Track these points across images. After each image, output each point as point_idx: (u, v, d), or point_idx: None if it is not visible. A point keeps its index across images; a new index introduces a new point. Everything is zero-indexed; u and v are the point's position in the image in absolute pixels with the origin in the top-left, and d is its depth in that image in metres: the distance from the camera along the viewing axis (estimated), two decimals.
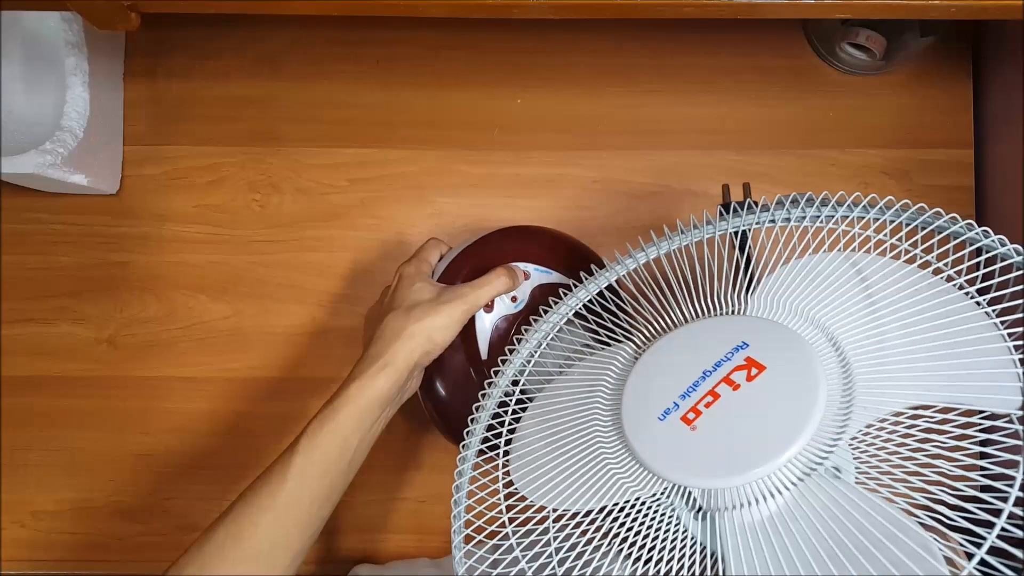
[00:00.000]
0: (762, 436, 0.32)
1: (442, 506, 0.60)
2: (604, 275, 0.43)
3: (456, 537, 0.38)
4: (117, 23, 0.40)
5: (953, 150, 0.62)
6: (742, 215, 0.41)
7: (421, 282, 0.49)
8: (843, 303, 0.37)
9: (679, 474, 0.33)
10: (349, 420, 0.44)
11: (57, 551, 0.60)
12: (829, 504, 0.31)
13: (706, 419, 0.33)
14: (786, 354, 0.34)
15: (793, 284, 0.38)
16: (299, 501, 0.42)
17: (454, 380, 0.52)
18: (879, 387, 0.34)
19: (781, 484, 0.32)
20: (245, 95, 0.63)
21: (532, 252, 0.53)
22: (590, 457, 0.36)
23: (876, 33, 0.58)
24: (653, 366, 0.37)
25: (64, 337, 0.62)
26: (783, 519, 0.32)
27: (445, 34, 0.63)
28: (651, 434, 0.34)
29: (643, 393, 0.36)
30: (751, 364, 0.34)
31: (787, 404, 0.33)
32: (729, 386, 0.34)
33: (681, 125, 0.63)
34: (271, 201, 0.63)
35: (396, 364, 0.45)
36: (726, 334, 0.36)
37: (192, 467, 0.60)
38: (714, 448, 0.33)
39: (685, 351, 0.37)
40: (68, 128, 0.55)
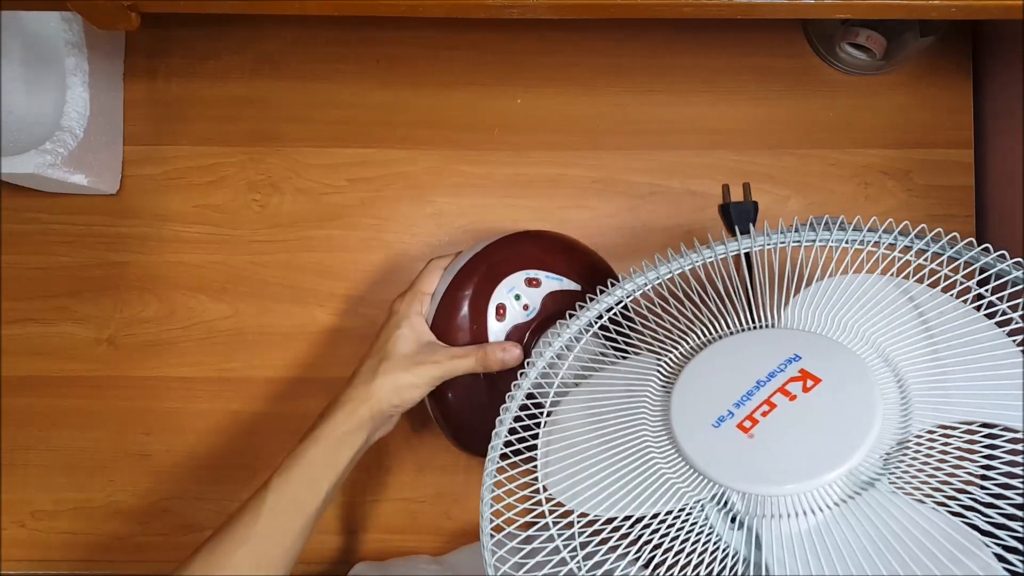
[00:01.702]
0: (823, 446, 0.33)
1: (442, 506, 0.60)
2: (626, 286, 0.43)
3: (484, 534, 0.37)
4: (117, 23, 0.40)
5: (953, 150, 0.62)
6: (785, 234, 0.42)
7: (407, 328, 0.50)
8: (893, 322, 0.38)
9: (738, 480, 0.33)
10: (318, 459, 0.46)
11: (57, 551, 0.60)
12: (878, 512, 0.32)
13: (764, 427, 0.34)
14: (841, 368, 0.35)
15: (833, 300, 0.39)
16: (272, 535, 0.44)
17: (462, 386, 0.52)
18: (936, 408, 0.35)
19: (833, 498, 0.33)
20: (245, 95, 0.63)
21: (542, 258, 0.53)
22: (642, 464, 0.36)
23: (876, 33, 0.58)
24: (701, 375, 0.38)
25: (64, 337, 0.62)
26: (830, 528, 0.32)
27: (445, 34, 0.63)
28: (706, 441, 0.35)
29: (693, 401, 0.37)
30: (806, 376, 0.35)
31: (846, 417, 0.34)
32: (785, 396, 0.35)
33: (681, 125, 0.63)
34: (271, 201, 0.63)
35: (360, 413, 0.47)
36: (775, 346, 0.37)
37: (192, 467, 0.60)
38: (774, 456, 0.33)
39: (733, 361, 0.38)
40: (68, 128, 0.55)
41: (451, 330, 0.51)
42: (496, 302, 0.52)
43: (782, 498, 0.33)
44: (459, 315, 0.51)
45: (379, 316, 0.61)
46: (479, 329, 0.51)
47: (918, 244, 0.39)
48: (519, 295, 0.52)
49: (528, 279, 0.52)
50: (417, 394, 0.48)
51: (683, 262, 0.42)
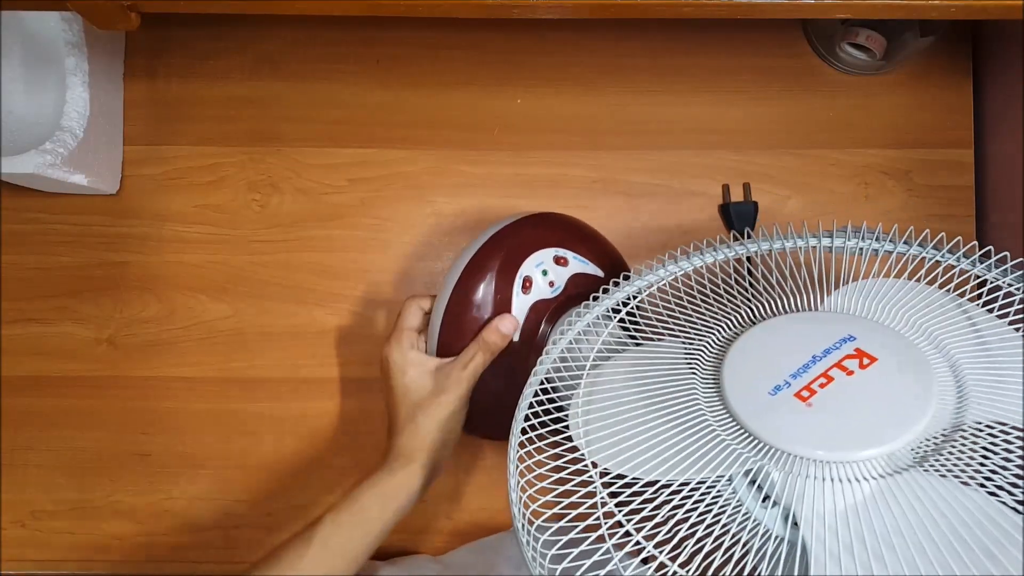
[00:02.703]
0: (882, 419, 0.34)
1: (442, 506, 0.60)
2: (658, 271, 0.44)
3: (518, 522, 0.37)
4: (117, 23, 0.40)
5: (953, 150, 0.62)
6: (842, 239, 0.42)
7: (413, 368, 0.50)
8: (946, 318, 0.39)
9: (796, 445, 0.34)
10: (371, 504, 0.47)
11: (57, 551, 0.60)
12: (918, 492, 0.32)
13: (822, 397, 0.35)
14: (896, 349, 0.36)
15: (883, 294, 0.40)
16: (317, 570, 0.45)
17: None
18: (990, 394, 0.36)
19: (876, 471, 0.33)
20: (245, 95, 0.63)
21: (572, 240, 0.53)
22: (697, 427, 0.37)
23: (876, 33, 0.58)
24: (752, 349, 0.38)
25: (64, 337, 0.62)
26: (879, 505, 0.32)
27: (445, 34, 0.63)
28: (762, 408, 0.35)
29: (746, 371, 0.37)
30: (861, 355, 0.36)
31: (905, 391, 0.35)
32: (842, 371, 0.35)
33: (681, 125, 0.63)
34: (271, 201, 0.63)
35: (419, 461, 0.48)
36: (829, 326, 0.38)
37: (192, 467, 0.60)
38: (831, 423, 0.34)
39: (786, 338, 0.39)
40: (68, 128, 0.55)
41: (473, 299, 0.51)
42: (524, 274, 0.51)
43: (830, 465, 0.33)
44: (486, 283, 0.51)
45: (379, 316, 0.62)
46: (503, 299, 0.51)
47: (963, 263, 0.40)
48: (546, 271, 0.52)
49: (557, 257, 0.52)
50: (460, 418, 0.50)
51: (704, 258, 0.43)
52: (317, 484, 0.60)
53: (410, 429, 0.49)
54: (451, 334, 0.51)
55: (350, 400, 0.61)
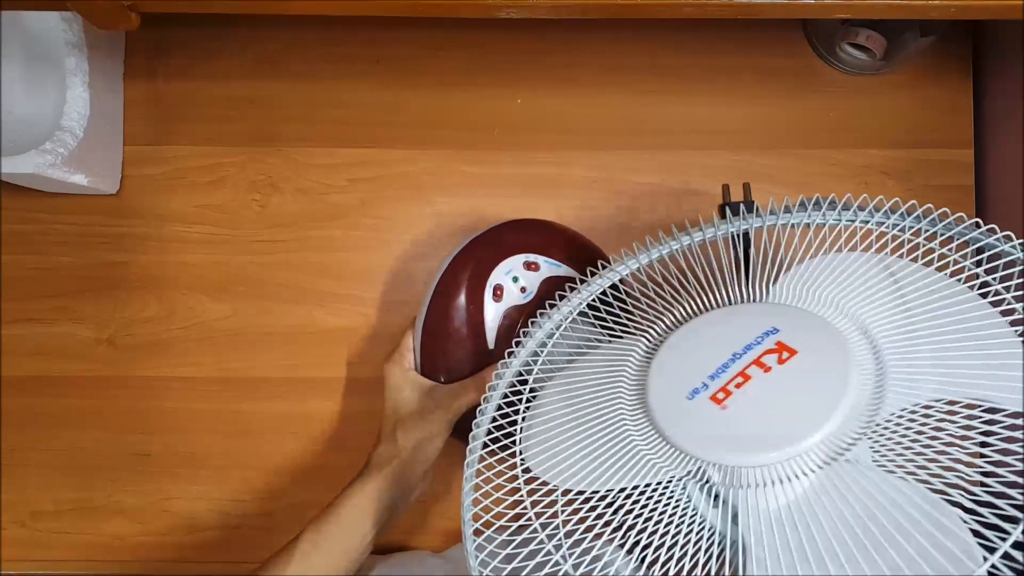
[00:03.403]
0: (795, 416, 0.33)
1: (441, 506, 0.60)
2: (618, 269, 0.43)
3: (466, 528, 0.37)
4: (117, 23, 0.40)
5: (953, 150, 0.62)
6: (771, 215, 0.41)
7: (407, 386, 0.52)
8: (872, 296, 0.38)
9: (708, 451, 0.33)
10: (348, 516, 0.48)
11: (57, 551, 0.60)
12: (856, 489, 0.31)
13: (737, 399, 0.34)
14: (817, 339, 0.35)
15: (819, 277, 0.39)
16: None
17: (462, 369, 0.52)
18: (910, 377, 0.34)
19: (807, 467, 0.33)
20: (245, 95, 0.63)
21: (542, 244, 0.54)
22: (616, 436, 0.36)
23: (876, 33, 0.58)
24: (679, 349, 0.38)
25: (64, 337, 0.62)
26: (809, 503, 0.32)
27: (445, 34, 0.63)
28: (679, 413, 0.35)
29: (669, 374, 0.36)
30: (782, 348, 0.35)
31: (820, 386, 0.33)
32: (760, 368, 0.34)
33: (681, 125, 0.63)
34: (271, 201, 0.63)
35: (388, 472, 0.49)
36: (754, 319, 0.37)
37: (192, 467, 0.60)
38: (745, 427, 0.33)
39: (712, 335, 0.38)
40: (68, 128, 0.55)
41: (447, 311, 0.52)
42: (494, 283, 0.53)
43: (757, 469, 0.33)
44: (457, 295, 0.52)
45: (379, 317, 0.62)
46: (476, 309, 0.52)
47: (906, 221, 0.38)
48: (517, 277, 0.53)
49: (527, 263, 0.53)
50: (437, 443, 0.51)
51: (672, 245, 0.42)
52: (317, 484, 0.60)
53: (388, 443, 0.50)
54: (430, 347, 0.53)
55: (350, 400, 0.61)
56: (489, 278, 0.52)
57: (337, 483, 0.51)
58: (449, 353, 0.52)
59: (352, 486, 0.48)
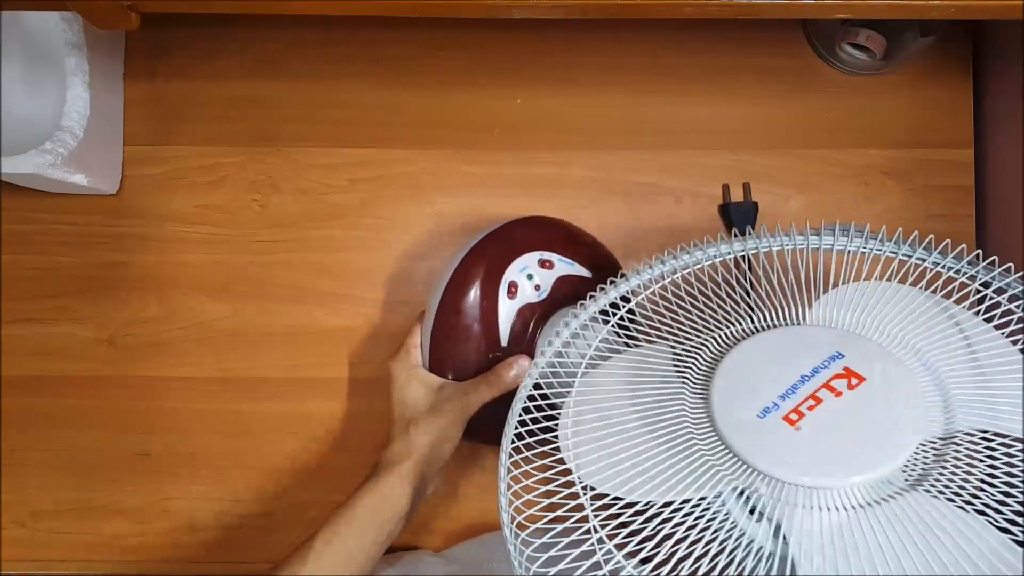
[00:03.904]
0: (867, 445, 0.34)
1: (441, 506, 0.60)
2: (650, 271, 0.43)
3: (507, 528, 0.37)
4: (117, 23, 0.40)
5: (953, 150, 0.62)
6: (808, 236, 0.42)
7: (416, 383, 0.52)
8: (932, 328, 0.39)
9: (786, 470, 0.34)
10: (363, 514, 0.47)
11: (57, 551, 0.60)
12: (910, 513, 0.32)
13: (810, 421, 0.35)
14: (885, 368, 0.36)
15: (866, 302, 0.40)
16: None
17: (472, 366, 0.52)
18: (983, 411, 0.36)
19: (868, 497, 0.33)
20: (245, 95, 0.63)
21: (556, 242, 0.53)
22: (685, 448, 0.37)
23: (876, 33, 0.58)
24: (741, 367, 0.38)
25: (64, 337, 0.62)
26: (869, 525, 0.33)
27: (445, 34, 0.63)
28: (751, 430, 0.35)
29: (735, 390, 0.37)
30: (850, 374, 0.36)
31: (892, 416, 0.35)
32: (831, 392, 0.35)
33: (681, 125, 0.63)
34: (271, 201, 0.63)
35: (403, 471, 0.48)
36: (817, 342, 0.38)
37: (192, 467, 0.60)
38: (821, 449, 0.34)
39: (774, 355, 0.38)
40: (68, 128, 0.55)
41: (460, 308, 0.51)
42: (508, 280, 0.52)
43: (819, 491, 0.33)
44: (470, 291, 0.51)
45: (379, 317, 0.62)
46: (489, 306, 0.51)
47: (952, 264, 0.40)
48: (532, 275, 0.52)
49: (542, 260, 0.53)
50: (452, 440, 0.50)
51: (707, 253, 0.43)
52: (317, 484, 0.60)
53: (401, 441, 0.50)
54: (440, 344, 0.52)
55: (350, 400, 0.61)
56: (504, 275, 0.52)
57: (337, 483, 0.51)
58: (460, 350, 0.52)
59: (365, 486, 0.48)
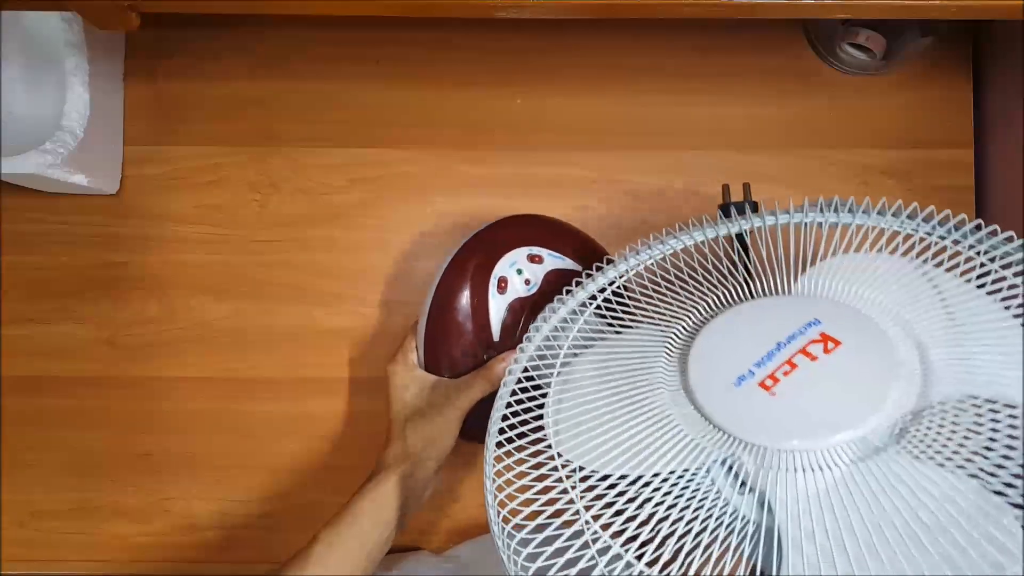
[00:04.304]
0: (847, 403, 0.33)
1: (441, 506, 0.60)
2: (632, 259, 0.43)
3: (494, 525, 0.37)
4: (117, 23, 0.40)
5: (953, 150, 0.62)
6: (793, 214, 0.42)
7: (412, 383, 0.53)
8: (910, 293, 0.38)
9: (759, 435, 0.34)
10: (364, 515, 0.47)
11: (57, 551, 0.60)
12: (892, 475, 0.32)
13: (786, 386, 0.34)
14: (860, 331, 0.36)
15: (850, 273, 0.40)
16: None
17: (466, 363, 0.52)
18: (957, 371, 0.35)
19: (848, 456, 0.33)
20: (245, 95, 0.63)
21: (545, 237, 0.54)
22: (660, 420, 0.36)
23: (876, 33, 0.58)
24: (718, 338, 0.38)
25: (64, 337, 0.62)
26: (855, 486, 0.32)
27: (445, 34, 0.63)
28: (728, 399, 0.35)
29: (711, 361, 0.37)
30: (826, 339, 0.35)
31: (869, 375, 0.34)
32: (807, 357, 0.35)
33: (681, 125, 0.63)
34: (271, 201, 0.63)
35: (402, 470, 0.49)
36: (794, 310, 0.37)
37: (192, 467, 0.60)
38: (797, 412, 0.34)
39: (752, 325, 0.38)
40: (68, 128, 0.55)
41: (452, 306, 0.52)
42: (498, 275, 0.53)
43: (797, 455, 0.33)
44: (461, 289, 0.52)
45: (379, 317, 0.62)
46: (480, 302, 0.52)
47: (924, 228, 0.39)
48: (521, 270, 0.53)
49: (531, 255, 0.53)
50: (448, 439, 0.50)
51: (683, 240, 0.43)
52: (317, 484, 0.60)
53: (398, 442, 0.50)
54: (435, 342, 0.53)
55: (350, 400, 0.61)
56: (493, 271, 0.52)
57: (337, 483, 0.51)
58: (453, 347, 0.52)
59: (365, 487, 0.48)
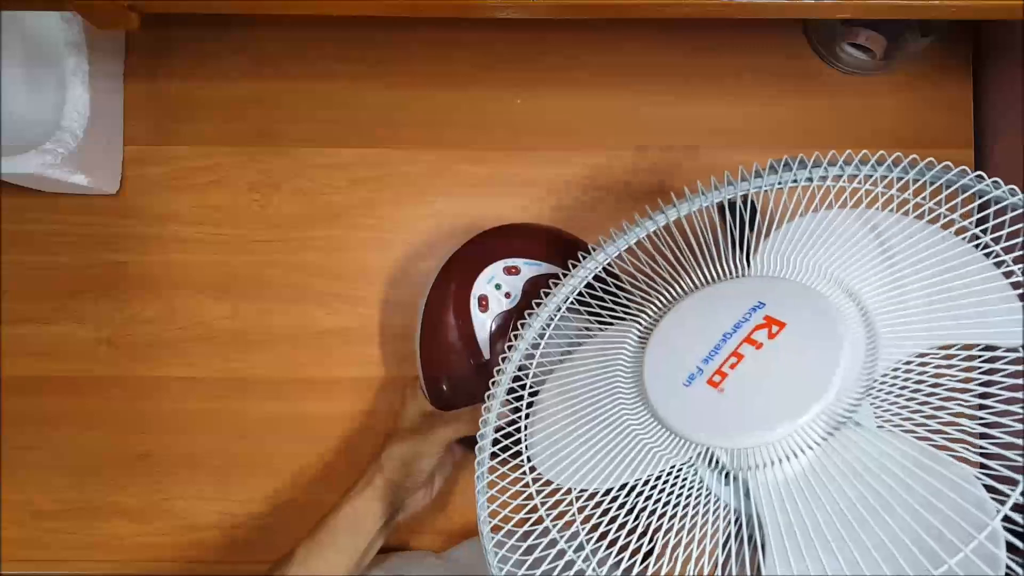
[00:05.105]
0: (792, 391, 0.33)
1: (441, 506, 0.60)
2: (597, 258, 0.43)
3: (484, 529, 0.37)
4: (117, 23, 0.40)
5: (953, 150, 0.62)
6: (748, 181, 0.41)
7: (413, 407, 0.54)
8: (855, 254, 0.37)
9: (712, 436, 0.33)
10: (341, 528, 0.48)
11: (57, 551, 0.60)
12: (857, 451, 0.31)
13: (732, 380, 0.34)
14: (804, 309, 0.35)
15: (799, 241, 0.39)
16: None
17: (458, 382, 0.52)
18: (900, 329, 0.34)
19: (811, 439, 0.32)
20: (245, 95, 0.63)
21: (519, 247, 0.54)
22: (618, 431, 0.36)
23: (876, 33, 0.58)
24: (670, 335, 0.37)
25: (64, 337, 0.62)
26: (815, 472, 0.32)
27: (445, 34, 0.63)
28: (679, 400, 0.34)
29: (664, 362, 0.36)
30: (770, 322, 0.35)
31: (813, 356, 0.33)
32: (752, 345, 0.34)
33: (681, 125, 0.63)
34: (271, 201, 0.63)
35: (376, 485, 0.50)
36: (739, 296, 0.37)
37: (192, 467, 0.60)
38: (745, 406, 0.33)
39: (700, 317, 0.37)
40: (68, 128, 0.55)
41: (439, 331, 0.52)
42: (477, 294, 0.53)
43: (762, 447, 0.33)
44: (446, 314, 0.52)
45: (379, 317, 0.62)
46: (464, 324, 0.52)
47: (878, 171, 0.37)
48: (499, 284, 0.53)
49: (507, 267, 0.53)
50: (424, 464, 0.50)
51: (648, 226, 0.42)
52: (317, 484, 0.60)
53: (381, 457, 0.51)
54: (430, 366, 0.54)
55: (350, 400, 0.61)
56: (472, 291, 0.53)
57: (337, 483, 0.51)
58: (447, 369, 0.53)
59: (345, 501, 0.49)
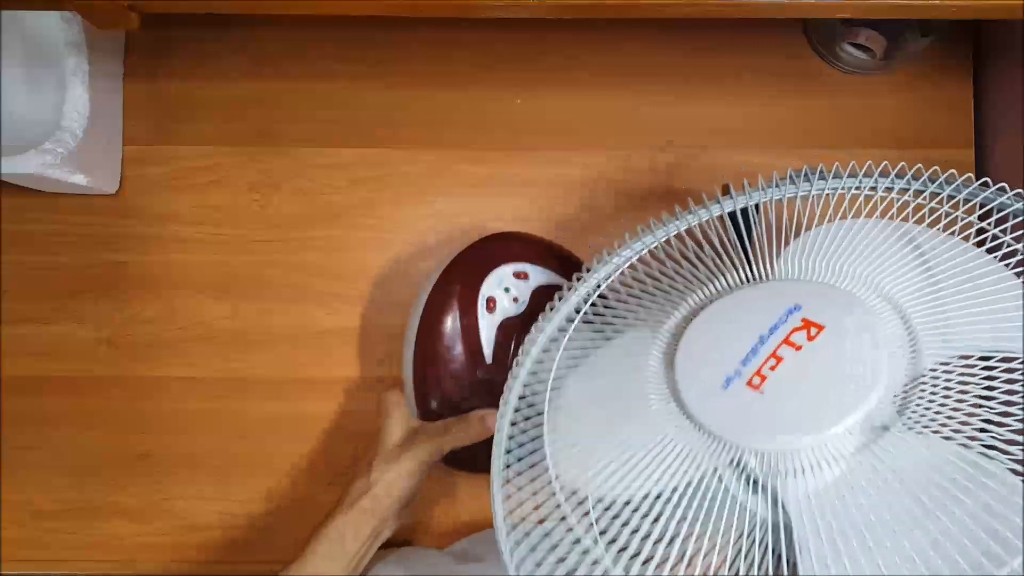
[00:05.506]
0: (834, 393, 0.32)
1: (441, 505, 0.60)
2: (614, 261, 0.42)
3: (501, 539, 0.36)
4: (117, 23, 0.40)
5: (953, 150, 0.62)
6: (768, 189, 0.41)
7: (395, 417, 0.51)
8: (888, 258, 0.37)
9: (755, 439, 0.32)
10: (326, 552, 0.47)
11: (57, 551, 0.60)
12: (904, 457, 0.31)
13: (773, 382, 0.33)
14: (841, 311, 0.34)
15: (825, 247, 0.38)
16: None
17: (461, 386, 0.52)
18: (942, 334, 0.34)
19: (851, 444, 0.32)
20: (245, 95, 0.63)
21: (528, 253, 0.53)
22: (655, 436, 0.35)
23: (876, 33, 0.58)
24: (701, 339, 0.37)
25: (64, 337, 0.62)
26: (858, 479, 0.31)
27: (445, 34, 0.63)
28: (717, 404, 0.34)
29: (697, 365, 0.36)
30: (808, 325, 0.34)
31: (854, 359, 0.33)
32: (791, 347, 0.34)
33: (681, 125, 0.63)
34: (271, 201, 0.63)
35: (361, 506, 0.48)
36: (773, 298, 0.36)
37: (192, 467, 0.60)
38: (786, 409, 0.33)
39: (732, 320, 0.37)
40: (68, 128, 0.55)
41: (439, 330, 0.51)
42: (486, 295, 0.52)
43: (800, 452, 0.32)
44: (449, 312, 0.51)
45: (378, 317, 0.62)
46: (470, 324, 0.51)
47: (914, 185, 0.39)
48: (508, 288, 0.52)
49: (516, 272, 0.53)
50: (407, 483, 0.49)
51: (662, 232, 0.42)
52: (316, 484, 0.60)
53: (363, 477, 0.49)
54: (424, 369, 0.52)
55: (350, 400, 0.61)
56: (480, 291, 0.52)
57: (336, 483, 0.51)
58: (444, 373, 0.52)
59: (329, 522, 0.48)
